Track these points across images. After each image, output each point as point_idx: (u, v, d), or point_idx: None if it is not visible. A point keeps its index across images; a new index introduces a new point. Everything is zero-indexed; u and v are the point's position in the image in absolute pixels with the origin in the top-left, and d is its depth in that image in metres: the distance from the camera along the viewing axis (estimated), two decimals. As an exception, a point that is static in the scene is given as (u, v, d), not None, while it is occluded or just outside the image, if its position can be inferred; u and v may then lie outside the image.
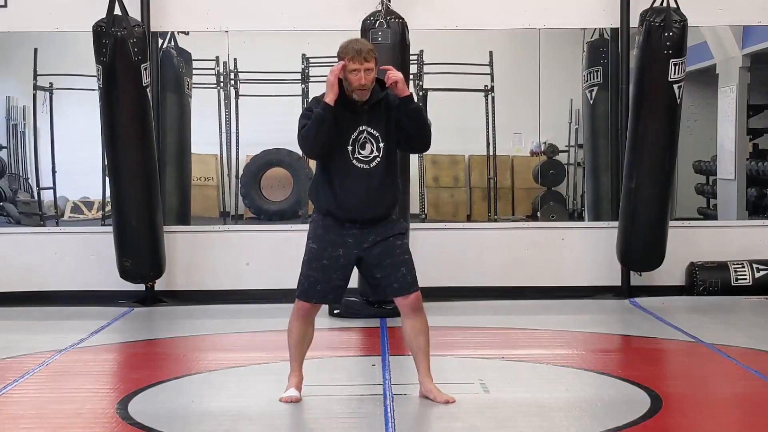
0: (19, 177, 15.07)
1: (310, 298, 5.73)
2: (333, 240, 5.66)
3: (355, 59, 5.53)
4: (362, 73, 5.54)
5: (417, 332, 5.72)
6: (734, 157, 12.08)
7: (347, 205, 5.62)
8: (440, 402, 5.66)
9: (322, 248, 5.67)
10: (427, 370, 5.75)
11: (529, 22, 10.00)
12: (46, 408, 5.85)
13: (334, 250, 5.66)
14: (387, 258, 5.65)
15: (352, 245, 5.65)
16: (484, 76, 13.22)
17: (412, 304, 5.68)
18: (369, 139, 5.61)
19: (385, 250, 5.65)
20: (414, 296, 5.68)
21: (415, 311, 5.70)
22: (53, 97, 13.65)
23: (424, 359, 5.74)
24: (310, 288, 5.71)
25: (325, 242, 5.67)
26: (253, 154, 14.94)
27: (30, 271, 9.81)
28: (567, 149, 14.46)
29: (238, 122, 12.99)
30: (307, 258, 5.73)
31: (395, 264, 5.66)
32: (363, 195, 5.61)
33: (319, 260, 5.67)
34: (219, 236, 10.08)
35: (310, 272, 5.71)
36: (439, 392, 5.72)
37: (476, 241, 10.03)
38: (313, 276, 5.69)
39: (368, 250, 5.65)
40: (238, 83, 13.25)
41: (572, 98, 13.99)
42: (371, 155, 5.61)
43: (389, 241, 5.66)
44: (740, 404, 5.98)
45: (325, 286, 5.70)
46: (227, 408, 5.74)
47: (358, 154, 5.60)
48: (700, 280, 9.74)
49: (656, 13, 9.12)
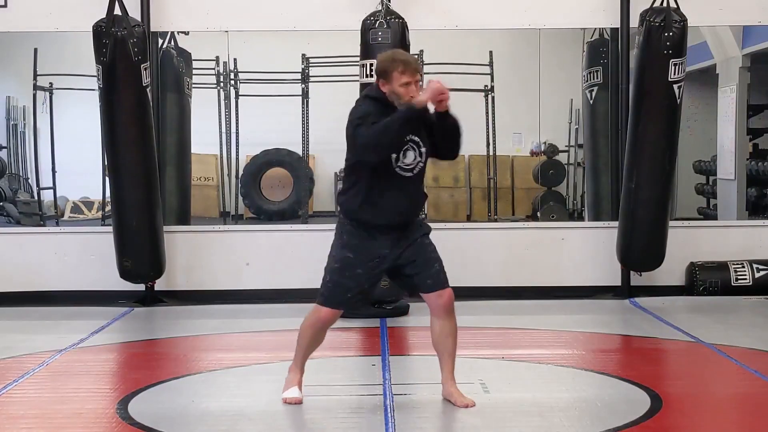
0: (19, 177, 15.10)
1: (339, 305, 5.64)
2: (369, 250, 5.55)
3: (406, 72, 5.44)
4: (413, 85, 5.45)
5: (446, 335, 5.67)
6: (734, 157, 12.08)
7: (388, 214, 5.52)
8: (459, 406, 5.63)
9: (358, 258, 5.56)
10: (451, 372, 5.72)
11: (529, 22, 10.00)
12: (46, 408, 5.85)
13: (370, 260, 5.56)
14: (418, 256, 5.59)
15: (387, 255, 5.57)
16: (484, 76, 13.23)
17: (445, 303, 5.61)
18: (412, 146, 5.52)
19: (417, 250, 5.60)
20: (448, 294, 5.62)
21: (447, 312, 5.64)
22: (53, 97, 13.67)
23: (450, 362, 5.70)
24: (340, 296, 5.61)
25: (362, 253, 5.55)
26: (253, 154, 14.97)
27: (30, 271, 9.81)
28: (567, 149, 14.49)
29: (238, 122, 13.00)
30: (340, 266, 5.59)
31: (428, 260, 5.61)
32: (404, 202, 5.55)
33: (354, 269, 5.57)
34: (219, 236, 10.08)
35: (341, 280, 5.58)
36: (460, 396, 5.68)
37: (476, 241, 10.03)
38: (345, 284, 5.58)
39: (399, 256, 5.59)
40: (238, 83, 13.27)
41: (572, 98, 14.01)
42: (414, 161, 5.53)
43: (419, 241, 5.62)
44: (740, 404, 5.98)
45: (354, 295, 5.63)
46: (227, 408, 5.74)
47: (401, 163, 5.50)
48: (700, 280, 9.74)
49: (656, 13, 9.12)
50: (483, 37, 12.67)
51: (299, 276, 9.40)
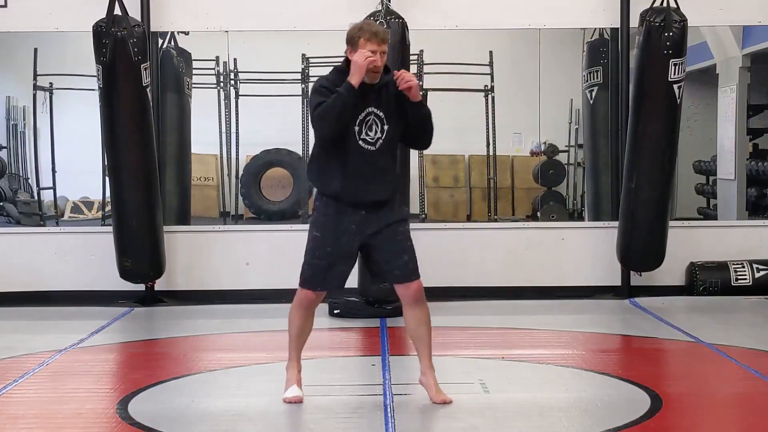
0: (19, 177, 15.09)
1: (315, 286, 5.67)
2: (336, 227, 5.59)
3: (372, 41, 5.46)
4: (378, 55, 5.47)
5: (418, 322, 5.66)
6: (734, 157, 12.08)
7: (353, 187, 5.53)
8: (436, 402, 5.64)
9: (325, 236, 5.61)
10: (429, 360, 5.68)
11: (529, 22, 10.00)
12: (46, 408, 5.85)
13: (337, 238, 5.59)
14: (389, 244, 5.60)
15: (355, 232, 5.58)
16: (484, 76, 13.23)
17: (414, 293, 5.62)
18: (375, 120, 5.54)
19: (388, 236, 5.60)
20: (416, 285, 5.62)
21: (417, 301, 5.63)
22: (53, 97, 13.67)
23: (426, 349, 5.68)
24: (315, 276, 5.65)
25: (328, 230, 5.61)
26: (253, 154, 14.96)
27: (30, 271, 9.81)
28: (567, 149, 14.48)
29: (238, 122, 13.00)
30: (311, 246, 5.66)
31: (397, 251, 5.61)
32: (369, 176, 5.54)
33: (323, 248, 5.61)
34: (219, 236, 10.07)
35: (314, 260, 5.64)
36: (437, 391, 5.67)
37: (476, 241, 10.03)
38: (318, 264, 5.63)
39: (371, 236, 5.59)
40: (238, 83, 13.27)
41: (572, 98, 14.00)
42: (376, 137, 5.54)
43: (391, 227, 5.61)
44: (740, 404, 5.98)
45: (330, 274, 5.64)
46: (227, 408, 5.74)
47: (365, 135, 5.52)
48: (700, 280, 9.74)
49: (656, 13, 9.12)
50: (483, 37, 12.66)
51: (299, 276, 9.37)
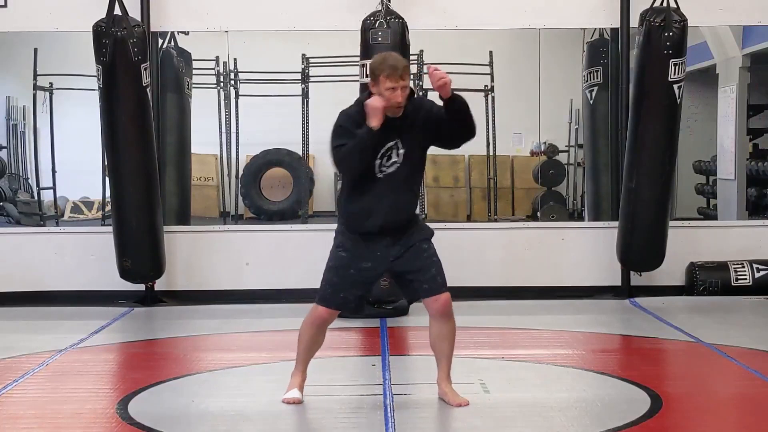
0: (19, 177, 15.10)
1: (330, 304, 5.65)
2: (362, 252, 5.58)
3: (392, 77, 5.40)
4: (399, 90, 5.43)
5: (443, 337, 5.69)
6: (734, 157, 12.08)
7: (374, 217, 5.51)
8: (453, 405, 5.65)
9: (350, 258, 5.59)
10: (447, 373, 5.73)
11: (529, 22, 9.99)
12: (46, 408, 5.85)
13: (363, 262, 5.58)
14: (416, 261, 5.60)
15: (380, 258, 5.58)
16: (484, 76, 13.23)
17: (442, 307, 5.61)
18: (395, 149, 5.52)
19: (414, 255, 5.60)
20: (444, 298, 5.62)
21: (444, 315, 5.64)
22: (53, 97, 13.67)
23: (446, 363, 5.72)
24: (333, 295, 5.63)
25: (355, 254, 5.58)
26: (253, 154, 14.97)
27: (30, 271, 9.81)
28: (567, 149, 14.49)
29: (238, 122, 13.01)
30: (334, 265, 5.64)
31: (425, 266, 5.60)
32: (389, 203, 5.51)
33: (347, 269, 5.60)
34: (219, 236, 10.08)
35: (334, 279, 5.62)
36: (454, 395, 5.70)
37: (476, 241, 10.03)
38: (338, 283, 5.61)
39: (394, 261, 5.59)
40: (238, 83, 13.27)
41: (572, 98, 14.01)
42: (391, 161, 5.52)
43: (416, 246, 5.61)
44: (740, 404, 5.98)
45: (348, 295, 5.64)
46: (227, 408, 5.73)
47: (383, 167, 5.52)
48: (700, 280, 9.74)
49: (656, 13, 9.12)
50: (483, 37, 12.66)
51: (299, 276, 9.39)
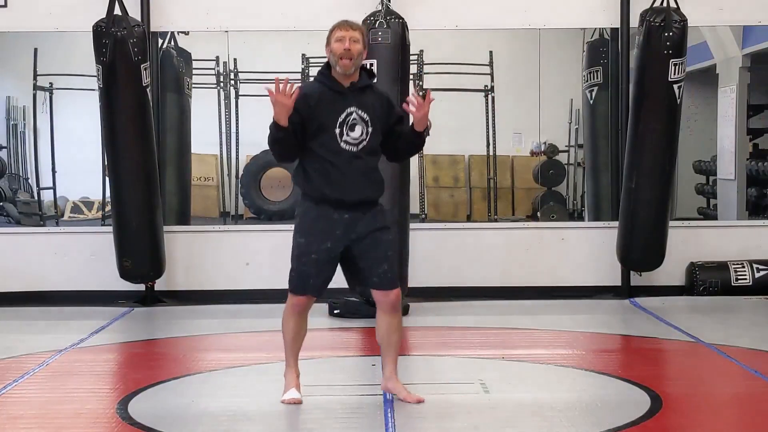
0: (19, 177, 15.08)
1: (305, 291, 5.68)
2: (321, 231, 5.59)
3: (341, 27, 5.57)
4: (347, 41, 5.51)
5: (394, 329, 5.72)
6: (734, 157, 12.07)
7: (338, 186, 5.53)
8: (411, 402, 5.66)
9: (309, 242, 5.61)
10: (395, 366, 5.75)
11: (529, 22, 9.99)
12: (46, 408, 5.85)
13: (322, 243, 5.59)
14: (372, 250, 5.61)
15: (340, 237, 5.59)
16: (484, 76, 13.23)
17: (392, 302, 5.66)
18: (359, 121, 5.56)
19: (372, 243, 5.61)
20: (394, 294, 5.66)
21: (393, 309, 5.69)
22: (53, 97, 13.67)
23: (394, 355, 5.75)
24: (304, 282, 5.66)
25: (313, 235, 5.60)
26: (253, 154, 14.96)
27: (30, 271, 9.81)
28: (567, 149, 14.47)
29: (238, 122, 13.00)
30: (297, 253, 5.67)
31: (379, 258, 5.62)
32: (352, 177, 5.54)
33: (308, 254, 5.61)
34: (219, 236, 10.07)
35: (300, 267, 5.65)
36: (408, 392, 5.72)
37: (476, 241, 10.03)
38: (305, 270, 5.64)
39: (356, 241, 5.61)
40: (238, 83, 13.26)
41: (572, 98, 14.00)
42: (359, 138, 5.55)
43: (376, 235, 5.62)
44: (740, 404, 5.98)
45: (317, 280, 5.65)
46: (227, 408, 5.73)
47: (346, 137, 5.54)
48: (700, 280, 9.74)
49: (656, 13, 9.12)
50: (483, 37, 12.66)
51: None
